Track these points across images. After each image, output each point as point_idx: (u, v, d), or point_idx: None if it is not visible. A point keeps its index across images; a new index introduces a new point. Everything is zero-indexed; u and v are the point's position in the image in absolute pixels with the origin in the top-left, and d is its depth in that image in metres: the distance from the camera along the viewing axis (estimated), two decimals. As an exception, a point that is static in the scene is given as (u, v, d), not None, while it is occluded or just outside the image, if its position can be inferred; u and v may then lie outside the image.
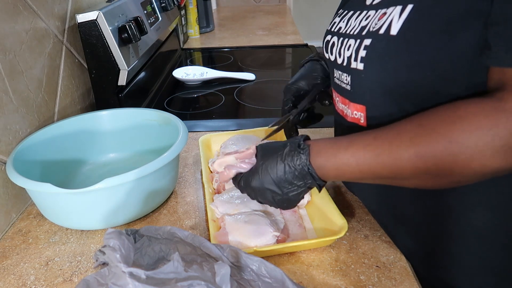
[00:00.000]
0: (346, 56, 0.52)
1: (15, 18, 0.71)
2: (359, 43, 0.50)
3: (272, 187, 0.52)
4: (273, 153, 0.52)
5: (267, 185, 0.52)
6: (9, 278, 0.57)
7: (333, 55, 0.56)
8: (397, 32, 0.44)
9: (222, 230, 0.59)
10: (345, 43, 0.53)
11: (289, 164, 0.50)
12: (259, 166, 0.53)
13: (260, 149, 0.54)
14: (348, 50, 0.52)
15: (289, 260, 0.57)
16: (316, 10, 4.35)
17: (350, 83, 0.52)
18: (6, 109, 0.67)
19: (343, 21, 0.56)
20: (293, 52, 1.65)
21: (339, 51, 0.54)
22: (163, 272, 0.44)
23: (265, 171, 0.51)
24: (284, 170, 0.50)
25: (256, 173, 0.53)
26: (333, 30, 0.58)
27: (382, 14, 0.47)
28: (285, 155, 0.50)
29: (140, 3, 1.13)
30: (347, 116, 0.56)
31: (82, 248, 0.61)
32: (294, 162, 0.49)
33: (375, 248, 0.58)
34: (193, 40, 1.88)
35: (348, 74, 0.53)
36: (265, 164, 0.52)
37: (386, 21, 0.46)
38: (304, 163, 0.49)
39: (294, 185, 0.51)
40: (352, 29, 0.53)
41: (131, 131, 0.83)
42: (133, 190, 0.61)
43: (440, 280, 0.57)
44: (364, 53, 0.48)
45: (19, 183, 0.59)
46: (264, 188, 0.52)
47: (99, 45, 0.89)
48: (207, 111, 1.10)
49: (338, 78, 0.56)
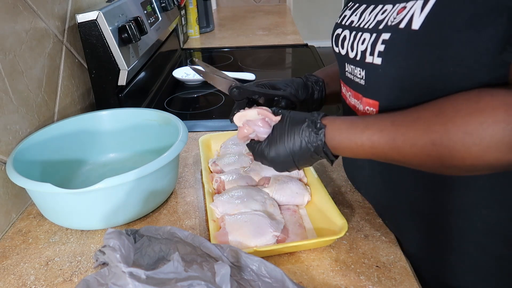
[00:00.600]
0: (360, 50, 0.52)
1: (15, 18, 0.71)
2: (375, 37, 0.49)
3: (287, 160, 0.54)
4: (292, 126, 0.53)
5: (283, 157, 0.54)
6: (9, 278, 0.57)
7: (345, 49, 0.56)
8: (419, 27, 0.43)
9: (222, 230, 0.59)
10: (358, 37, 0.52)
11: (305, 140, 0.52)
12: (277, 137, 0.54)
13: (283, 119, 0.55)
14: (362, 44, 0.51)
15: (289, 260, 0.57)
16: (316, 10, 4.35)
17: (365, 77, 0.52)
18: (6, 109, 0.67)
19: (355, 15, 0.56)
20: (293, 52, 1.65)
21: (352, 44, 0.54)
22: (163, 272, 0.44)
23: (282, 144, 0.53)
24: (300, 145, 0.52)
25: (274, 144, 0.54)
26: (344, 23, 0.57)
27: (402, 8, 0.47)
28: (302, 131, 0.52)
29: (140, 3, 1.13)
30: (358, 111, 0.55)
31: (82, 248, 0.61)
32: (310, 139, 0.51)
33: (375, 248, 0.58)
34: (193, 40, 1.88)
35: (362, 69, 0.52)
36: (283, 137, 0.54)
37: (407, 15, 0.45)
38: (320, 143, 0.51)
39: (307, 159, 0.53)
40: (367, 23, 0.52)
41: (131, 131, 0.83)
42: (133, 190, 0.61)
43: (442, 281, 0.57)
44: (382, 47, 0.48)
45: (19, 183, 0.59)
46: (280, 161, 0.54)
47: (99, 45, 0.89)
48: (207, 111, 1.10)
49: (351, 72, 0.55)
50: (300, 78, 0.70)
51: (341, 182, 0.74)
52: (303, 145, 0.52)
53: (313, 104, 0.70)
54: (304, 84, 0.69)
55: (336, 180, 0.75)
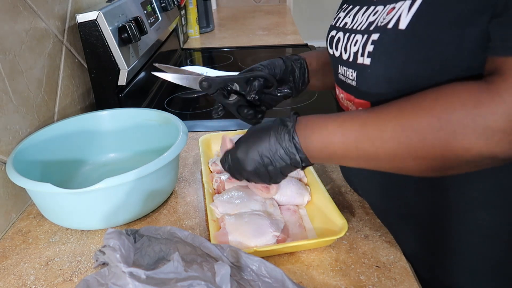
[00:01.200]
0: (353, 51, 0.52)
1: (15, 18, 0.71)
2: (366, 38, 0.49)
3: (255, 157, 0.51)
4: (260, 126, 0.52)
5: (251, 155, 0.51)
6: (9, 278, 0.57)
7: (338, 51, 0.56)
8: (406, 27, 0.44)
9: (222, 230, 0.59)
10: (351, 39, 0.52)
11: (274, 133, 0.49)
12: (245, 137, 0.53)
13: (249, 129, 0.54)
14: (355, 45, 0.51)
15: (289, 260, 0.57)
16: (316, 10, 4.35)
17: (356, 79, 0.52)
18: (6, 109, 0.67)
19: (349, 16, 0.56)
20: (293, 52, 1.64)
21: (345, 46, 0.54)
22: (163, 272, 0.44)
23: (251, 141, 0.51)
24: (269, 139, 0.49)
25: (243, 142, 0.52)
26: (338, 25, 0.57)
27: (391, 8, 0.47)
28: (271, 126, 0.50)
29: (140, 3, 1.13)
30: None
31: (82, 248, 0.61)
32: (279, 130, 0.49)
33: (375, 248, 0.58)
34: (193, 40, 1.88)
35: (354, 70, 0.52)
36: (252, 135, 0.52)
37: (395, 16, 0.46)
38: (289, 131, 0.48)
39: (277, 157, 0.50)
40: (359, 24, 0.52)
41: (131, 131, 0.83)
42: (133, 190, 0.61)
43: (442, 281, 0.57)
44: (371, 48, 0.48)
45: (19, 183, 0.59)
46: (249, 158, 0.51)
47: (99, 45, 0.89)
48: (207, 111, 1.10)
49: (343, 74, 0.55)
50: (280, 57, 0.69)
51: (341, 182, 0.74)
52: (272, 139, 0.49)
53: (297, 83, 0.69)
54: (284, 62, 0.67)
55: (336, 180, 0.75)
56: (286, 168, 0.51)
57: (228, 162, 0.55)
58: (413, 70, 0.45)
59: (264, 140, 0.50)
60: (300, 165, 0.50)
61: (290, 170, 0.52)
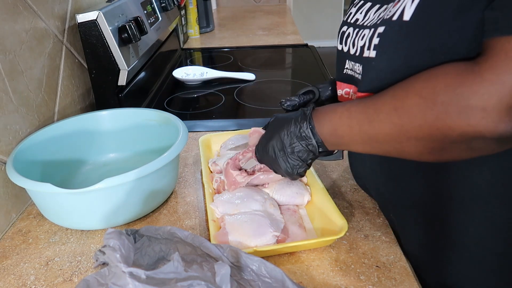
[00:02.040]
0: (360, 45, 0.53)
1: (15, 18, 0.71)
2: (373, 31, 0.50)
3: (277, 144, 0.55)
4: (284, 115, 0.58)
5: (274, 140, 0.56)
6: (9, 278, 0.57)
7: (347, 46, 0.57)
8: (410, 18, 0.44)
9: (222, 230, 0.59)
10: (360, 34, 0.54)
11: (295, 120, 0.54)
12: (271, 124, 0.58)
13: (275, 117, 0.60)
14: (362, 39, 0.52)
15: (289, 260, 0.57)
16: (316, 10, 4.35)
17: (361, 72, 0.53)
18: (6, 109, 0.67)
19: (361, 13, 0.57)
20: (293, 52, 1.65)
21: (353, 41, 0.55)
22: (163, 272, 0.44)
23: (276, 127, 0.56)
24: (290, 125, 0.54)
25: (269, 130, 0.58)
26: (350, 21, 0.58)
27: (397, 1, 0.48)
28: (293, 115, 0.55)
29: (140, 3, 1.13)
30: None
31: (82, 248, 0.61)
32: (299, 118, 0.54)
33: (375, 248, 0.58)
34: (193, 40, 1.88)
35: (360, 64, 0.53)
36: (277, 122, 0.57)
37: (400, 8, 0.46)
38: (307, 117, 0.53)
39: (295, 141, 0.54)
40: (370, 21, 0.53)
41: (131, 131, 0.83)
42: (133, 190, 0.61)
43: (444, 280, 0.57)
44: (377, 40, 0.49)
45: (19, 183, 0.59)
46: (270, 145, 0.56)
47: (99, 45, 0.89)
48: (207, 111, 1.10)
49: (351, 68, 0.56)
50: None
51: (341, 182, 0.74)
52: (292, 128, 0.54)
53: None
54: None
55: (336, 180, 0.75)
56: (303, 152, 0.54)
57: (258, 148, 0.61)
58: (417, 61, 0.45)
59: (286, 126, 0.55)
60: (316, 150, 0.53)
61: (308, 156, 0.55)
